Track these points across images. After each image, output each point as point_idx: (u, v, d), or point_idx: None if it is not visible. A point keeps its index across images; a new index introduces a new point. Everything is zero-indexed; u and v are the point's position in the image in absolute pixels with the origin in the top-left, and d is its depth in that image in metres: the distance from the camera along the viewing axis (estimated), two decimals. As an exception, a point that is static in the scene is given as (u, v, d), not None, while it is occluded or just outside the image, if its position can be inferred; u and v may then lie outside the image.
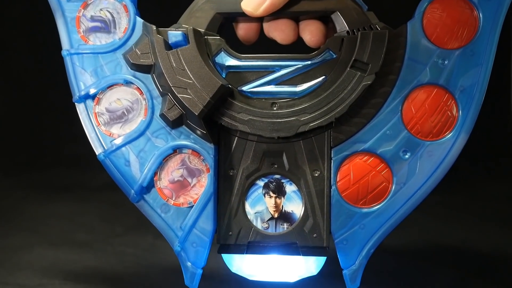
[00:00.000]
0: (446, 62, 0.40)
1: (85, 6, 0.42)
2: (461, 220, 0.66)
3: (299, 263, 0.41)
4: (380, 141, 0.40)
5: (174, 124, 0.40)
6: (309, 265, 0.41)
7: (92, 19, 0.42)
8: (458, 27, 0.40)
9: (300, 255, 0.40)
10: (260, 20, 0.44)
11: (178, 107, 0.40)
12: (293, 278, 0.42)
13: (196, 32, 0.40)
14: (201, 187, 0.40)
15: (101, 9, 0.42)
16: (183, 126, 0.41)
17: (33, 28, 0.93)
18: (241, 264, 0.42)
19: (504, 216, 0.68)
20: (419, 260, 0.56)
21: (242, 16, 0.42)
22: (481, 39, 0.40)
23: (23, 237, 0.59)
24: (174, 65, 0.39)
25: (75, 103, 0.42)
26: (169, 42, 0.40)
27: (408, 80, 0.40)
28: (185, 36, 0.40)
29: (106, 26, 0.42)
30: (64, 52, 0.42)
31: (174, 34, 0.40)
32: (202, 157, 0.40)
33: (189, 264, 0.40)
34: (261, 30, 0.45)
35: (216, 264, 0.43)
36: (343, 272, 0.40)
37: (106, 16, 0.42)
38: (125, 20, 0.42)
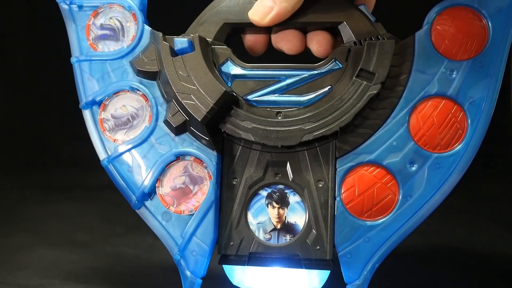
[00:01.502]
0: (454, 73, 0.39)
1: (95, 14, 0.43)
2: (461, 220, 0.65)
3: (302, 277, 0.40)
4: (386, 153, 0.39)
5: (178, 130, 0.40)
6: (312, 279, 0.40)
7: (102, 27, 0.43)
8: (467, 38, 0.39)
9: (302, 268, 0.39)
10: (268, 31, 0.44)
11: (182, 113, 0.40)
12: (295, 292, 0.41)
13: (201, 39, 0.40)
14: (203, 194, 0.40)
15: (110, 18, 0.43)
16: (187, 133, 0.40)
17: (34, 29, 0.93)
18: (243, 276, 0.41)
19: (504, 216, 0.67)
20: (418, 260, 0.55)
21: (249, 26, 0.42)
22: (490, 51, 0.39)
23: (23, 237, 0.59)
24: (179, 71, 0.39)
25: (82, 109, 0.42)
26: (175, 49, 0.40)
27: (416, 91, 0.39)
28: (191, 43, 0.40)
29: (115, 34, 0.43)
30: (73, 59, 0.42)
31: (180, 41, 0.40)
32: (204, 164, 0.40)
33: (188, 273, 0.39)
34: (269, 42, 0.45)
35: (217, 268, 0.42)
36: (347, 287, 0.39)
37: (115, 24, 0.43)
38: (134, 28, 0.42)
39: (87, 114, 0.42)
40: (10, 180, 0.77)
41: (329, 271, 0.40)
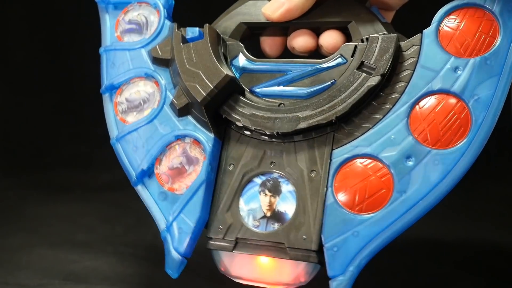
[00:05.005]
0: (460, 70, 0.38)
1: (126, 11, 0.47)
2: (460, 220, 0.63)
3: (288, 269, 0.39)
4: (383, 146, 0.38)
5: (181, 112, 0.42)
6: (299, 272, 0.39)
7: (129, 22, 0.46)
8: (476, 37, 0.38)
9: (287, 258, 0.38)
10: (283, 33, 0.45)
11: (186, 96, 0.41)
12: (280, 286, 0.39)
13: (211, 29, 0.42)
14: (197, 175, 0.40)
15: (138, 14, 0.47)
16: (189, 116, 0.42)
17: (34, 30, 0.94)
18: (229, 265, 0.40)
19: (503, 216, 0.65)
20: (417, 259, 0.54)
21: (263, 25, 0.44)
22: (500, 50, 0.37)
23: (23, 237, 0.59)
24: (187, 56, 0.41)
25: (102, 94, 0.45)
26: (187, 37, 0.42)
27: (419, 87, 0.38)
28: (202, 32, 0.42)
29: (139, 28, 0.46)
30: (101, 49, 0.46)
31: (191, 30, 0.42)
32: (202, 146, 0.41)
33: (171, 249, 0.39)
34: (285, 46, 0.46)
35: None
36: (330, 282, 0.37)
37: (141, 19, 0.46)
38: (157, 23, 0.46)
39: (106, 98, 0.45)
40: (10, 180, 0.76)
41: (318, 267, 0.38)
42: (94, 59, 0.47)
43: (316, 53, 0.45)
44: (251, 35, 0.46)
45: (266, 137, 0.41)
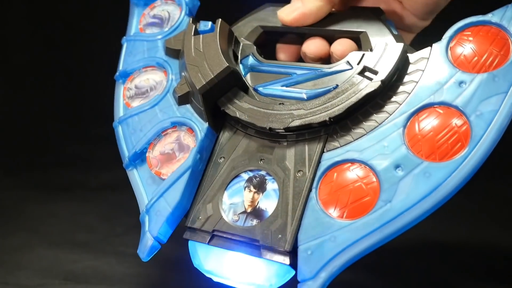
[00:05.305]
0: (465, 84, 0.36)
1: (152, 7, 0.49)
2: (460, 220, 0.61)
3: (260, 269, 0.37)
4: (375, 153, 0.36)
5: (181, 100, 0.42)
6: (270, 274, 0.37)
7: (154, 16, 0.48)
8: (487, 54, 0.37)
9: (260, 256, 0.36)
10: (299, 42, 0.45)
11: (188, 85, 0.42)
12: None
13: (223, 23, 0.43)
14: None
15: (162, 10, 0.48)
16: (188, 106, 0.42)
17: (34, 29, 0.93)
18: (203, 258, 0.39)
19: (504, 217, 0.63)
20: (417, 259, 0.53)
21: (280, 30, 0.44)
22: (510, 68, 0.36)
23: (23, 237, 0.58)
24: (195, 46, 0.42)
25: (115, 79, 0.47)
26: (199, 30, 0.43)
27: (421, 98, 0.37)
28: (214, 26, 0.43)
29: (161, 22, 0.48)
30: (123, 39, 0.48)
31: (204, 23, 0.43)
32: (196, 135, 0.41)
33: (146, 231, 0.39)
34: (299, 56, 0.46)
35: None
36: (298, 286, 0.35)
37: (164, 14, 0.48)
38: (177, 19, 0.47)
39: (119, 84, 0.47)
40: (10, 180, 0.75)
41: (292, 272, 0.36)
42: (94, 59, 0.48)
43: (328, 62, 0.44)
44: (268, 41, 0.46)
45: (260, 134, 0.40)
